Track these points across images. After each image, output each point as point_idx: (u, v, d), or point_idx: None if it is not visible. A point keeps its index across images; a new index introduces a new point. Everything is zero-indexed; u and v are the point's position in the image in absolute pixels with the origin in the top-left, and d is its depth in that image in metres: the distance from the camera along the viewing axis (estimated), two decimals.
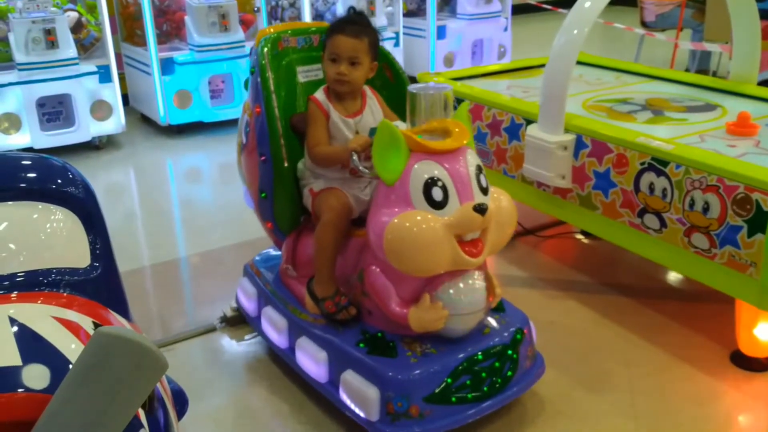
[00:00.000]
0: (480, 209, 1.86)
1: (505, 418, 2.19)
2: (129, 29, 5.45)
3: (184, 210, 4.26)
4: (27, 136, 4.62)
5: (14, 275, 1.34)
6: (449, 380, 1.96)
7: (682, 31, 5.75)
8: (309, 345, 2.19)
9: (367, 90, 2.32)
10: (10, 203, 1.38)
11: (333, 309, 2.16)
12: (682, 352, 2.52)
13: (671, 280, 3.09)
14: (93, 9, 5.06)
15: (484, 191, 1.94)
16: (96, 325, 1.30)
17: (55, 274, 1.36)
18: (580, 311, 2.85)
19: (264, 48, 2.30)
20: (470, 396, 1.99)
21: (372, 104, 2.29)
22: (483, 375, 2.02)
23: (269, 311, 2.40)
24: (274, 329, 2.36)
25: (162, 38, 5.33)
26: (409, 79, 2.46)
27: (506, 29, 6.49)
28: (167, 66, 5.05)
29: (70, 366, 1.06)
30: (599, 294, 2.96)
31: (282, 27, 2.42)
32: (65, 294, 1.35)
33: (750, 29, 3.03)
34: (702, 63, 5.97)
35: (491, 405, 2.04)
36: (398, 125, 2.00)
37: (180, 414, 1.62)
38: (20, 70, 4.47)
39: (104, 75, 4.82)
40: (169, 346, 2.67)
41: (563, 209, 2.84)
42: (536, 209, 3.04)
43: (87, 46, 4.95)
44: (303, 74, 2.41)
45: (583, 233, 3.41)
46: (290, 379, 2.41)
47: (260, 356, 2.57)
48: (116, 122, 4.94)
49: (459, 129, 1.96)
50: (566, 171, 2.73)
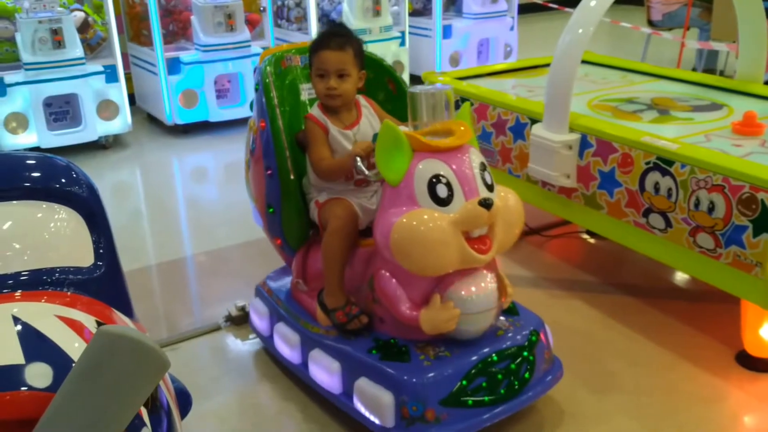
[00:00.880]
0: (485, 204, 1.86)
1: (514, 419, 2.18)
2: (135, 29, 5.46)
3: (190, 209, 4.27)
4: (34, 136, 4.64)
5: (18, 274, 1.35)
6: (464, 382, 1.94)
7: (689, 30, 5.73)
8: (322, 357, 2.17)
9: (361, 99, 2.32)
10: (15, 202, 1.39)
11: (344, 319, 2.15)
12: (688, 352, 2.51)
13: (677, 280, 3.08)
14: (100, 9, 5.08)
15: (490, 188, 1.94)
16: (99, 324, 1.30)
17: (59, 273, 1.36)
18: (585, 311, 2.84)
19: (267, 67, 2.32)
20: (487, 399, 1.97)
21: (368, 113, 2.29)
22: (499, 377, 2.00)
23: (281, 328, 2.38)
24: (287, 345, 2.34)
25: (168, 38, 5.34)
26: (415, 79, 2.47)
27: (512, 28, 6.48)
28: (173, 66, 5.07)
29: (73, 365, 1.07)
30: (604, 294, 2.96)
31: (286, 47, 2.45)
32: (69, 293, 1.35)
33: (756, 28, 3.01)
34: (709, 62, 5.95)
35: (509, 408, 2.01)
36: (401, 128, 2.00)
37: (184, 413, 1.63)
38: (27, 70, 4.49)
39: (111, 75, 4.84)
40: (174, 345, 2.68)
41: (568, 209, 2.83)
42: (541, 209, 3.04)
43: (93, 46, 4.97)
44: (307, 91, 2.44)
45: (589, 233, 3.41)
46: (294, 379, 2.41)
47: (265, 355, 2.58)
48: (123, 122, 4.95)
49: (462, 128, 1.97)
50: (571, 170, 2.72)
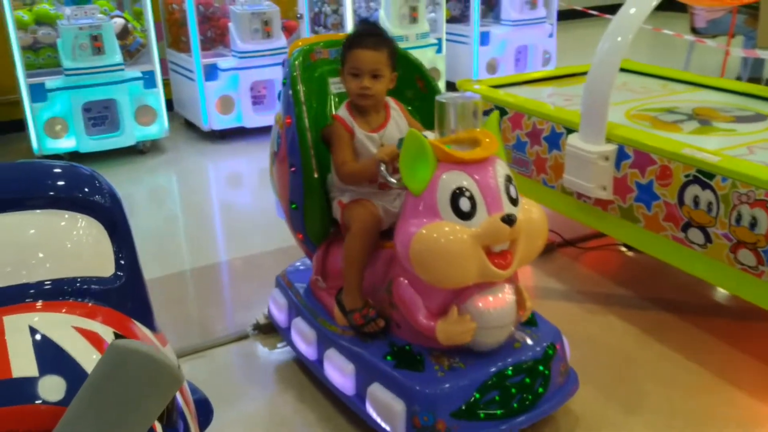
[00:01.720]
0: (508, 220, 1.83)
1: None
2: (174, 35, 5.52)
3: (225, 214, 4.29)
4: (73, 141, 4.72)
5: (41, 284, 1.34)
6: (477, 395, 1.92)
7: (734, 38, 5.58)
8: (337, 357, 2.17)
9: (390, 101, 2.29)
10: (38, 211, 1.39)
11: (361, 321, 2.13)
12: (726, 374, 2.42)
13: (717, 297, 2.98)
14: (139, 15, 5.15)
15: (514, 202, 1.90)
16: (117, 336, 1.29)
17: (80, 283, 1.36)
18: (620, 327, 2.76)
19: (296, 60, 2.30)
20: (499, 412, 1.94)
21: (396, 116, 2.26)
22: (513, 391, 1.97)
23: (299, 322, 2.39)
24: (303, 341, 2.35)
25: (206, 44, 5.38)
26: (452, 87, 2.43)
27: (551, 35, 6.39)
28: (210, 72, 5.11)
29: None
30: (641, 309, 2.87)
31: (314, 39, 2.42)
32: (90, 303, 1.34)
33: None
34: (754, 71, 5.78)
35: (521, 422, 1.98)
36: (426, 135, 1.97)
37: (204, 424, 1.61)
38: (67, 76, 4.56)
39: (149, 80, 4.89)
40: (202, 353, 2.68)
41: (604, 221, 2.76)
42: (576, 220, 2.97)
43: (133, 52, 5.03)
44: (335, 85, 2.41)
45: (626, 245, 3.32)
46: (319, 390, 2.38)
47: (291, 365, 2.56)
48: (160, 127, 5.01)
49: (488, 139, 1.93)
50: (607, 182, 2.65)
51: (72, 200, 1.40)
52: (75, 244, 1.39)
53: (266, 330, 2.75)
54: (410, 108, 2.55)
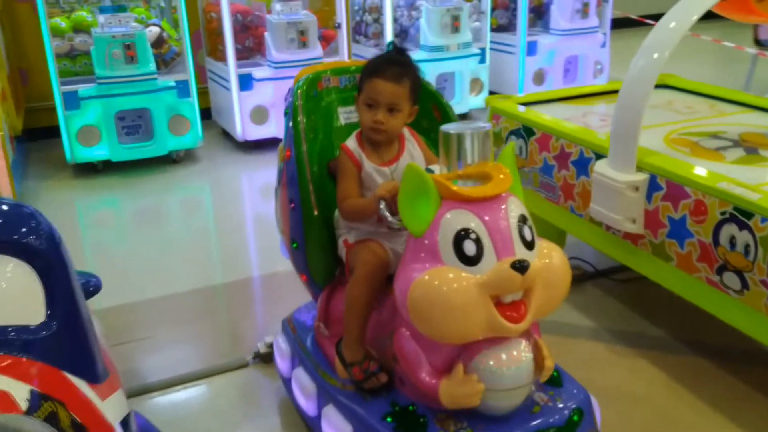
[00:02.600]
0: (520, 267, 1.57)
1: None
2: (212, 44, 5.48)
3: (257, 226, 4.20)
4: (105, 149, 4.70)
5: None
6: None
7: None
8: (335, 415, 1.96)
9: (406, 132, 2.11)
10: None
11: (360, 376, 1.93)
12: None
13: (761, 344, 2.69)
14: (178, 24, 5.11)
15: (529, 245, 1.65)
16: (33, 393, 1.16)
17: (0, 333, 1.23)
18: (649, 372, 2.52)
19: (299, 89, 2.15)
20: None
21: (411, 148, 2.07)
22: None
23: (299, 373, 2.20)
24: (303, 394, 2.14)
25: (244, 53, 5.32)
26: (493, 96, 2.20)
27: (604, 45, 6.10)
28: (245, 81, 5.03)
29: None
30: (674, 353, 2.62)
31: (322, 66, 2.27)
32: (9, 356, 1.22)
33: None
34: None
35: None
36: (436, 169, 1.77)
37: None
38: (100, 84, 4.54)
39: (183, 90, 4.85)
40: (197, 382, 2.56)
41: (634, 257, 2.52)
42: (605, 253, 2.73)
43: (168, 61, 5.00)
44: (344, 115, 2.24)
45: None
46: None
47: (289, 400, 2.41)
48: (193, 137, 4.95)
49: (501, 174, 1.71)
50: (637, 215, 2.41)
51: (1, 243, 1.28)
52: None
53: (267, 359, 2.62)
54: (426, 139, 2.38)
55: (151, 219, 4.30)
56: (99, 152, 4.72)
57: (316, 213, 2.07)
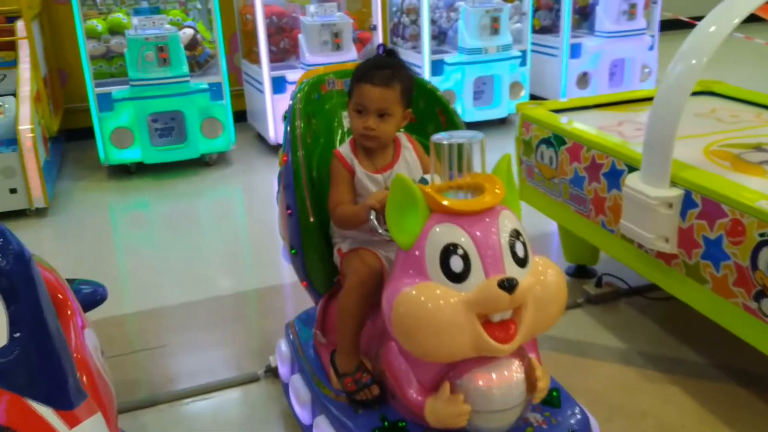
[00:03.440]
0: (507, 285, 1.49)
1: None
2: (248, 46, 5.44)
3: None
4: (138, 151, 4.70)
5: None
6: None
7: None
8: (325, 426, 1.91)
9: (402, 138, 2.02)
10: None
11: (352, 387, 1.87)
12: None
13: None
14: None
15: (521, 262, 1.56)
16: None
17: None
18: (682, 400, 2.35)
19: (299, 92, 2.09)
20: None
21: (407, 155, 1.99)
22: None
23: (296, 380, 2.15)
24: (298, 402, 2.10)
25: (279, 56, 5.27)
26: (535, 99, 2.09)
27: (652, 48, 5.86)
28: (278, 84, 4.97)
29: None
30: (710, 380, 2.44)
31: (325, 69, 2.20)
32: None
33: None
34: None
35: None
36: (434, 179, 1.67)
37: None
38: (133, 86, 4.54)
39: (216, 92, 4.81)
40: (205, 395, 2.50)
41: (667, 277, 2.35)
42: (637, 272, 2.56)
43: (202, 63, 4.97)
44: (348, 119, 2.16)
45: None
46: None
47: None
48: (226, 140, 4.92)
49: (496, 187, 1.61)
50: (670, 233, 2.24)
51: None
52: None
53: (278, 373, 2.53)
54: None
55: (182, 222, 4.28)
56: (132, 154, 4.72)
57: (312, 220, 2.03)
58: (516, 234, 1.58)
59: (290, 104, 2.09)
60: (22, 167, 4.01)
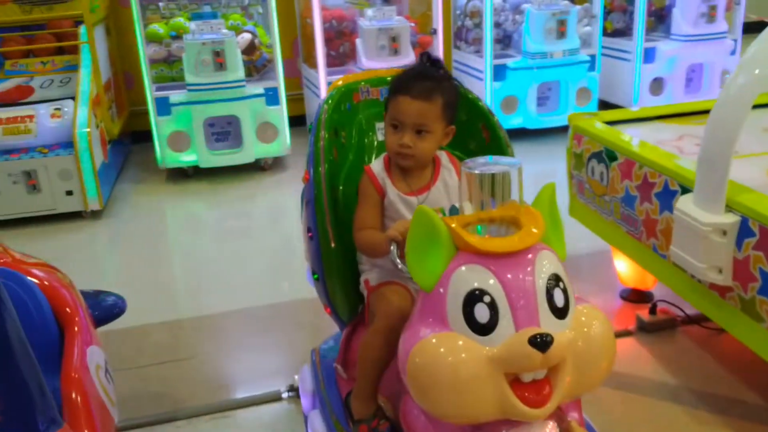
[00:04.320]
0: (540, 342, 1.27)
1: None
2: (308, 50, 5.39)
3: None
4: (194, 155, 4.73)
5: None
6: None
7: None
8: None
9: (443, 157, 1.85)
10: None
11: None
12: None
13: None
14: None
15: (560, 313, 1.35)
16: None
17: None
18: None
19: (327, 102, 1.94)
20: None
21: (447, 176, 1.82)
22: None
23: (315, 417, 2.01)
24: None
25: (338, 60, 5.20)
26: (605, 107, 1.91)
27: (734, 53, 5.48)
28: None
29: None
30: None
31: (358, 76, 2.05)
32: None
33: None
34: None
35: None
36: (467, 208, 1.49)
37: None
38: (190, 91, 4.56)
39: (272, 97, 4.78)
40: (228, 412, 2.43)
41: (721, 311, 2.13)
42: (689, 303, 2.34)
43: (259, 68, 4.95)
44: (383, 131, 2.01)
45: None
46: None
47: None
48: (281, 145, 4.88)
49: (534, 224, 1.42)
50: (724, 264, 2.02)
51: None
52: None
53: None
54: None
55: (233, 227, 4.26)
56: (188, 158, 4.75)
57: (334, 245, 1.87)
58: (556, 279, 1.36)
59: (316, 113, 1.97)
60: (78, 170, 4.08)
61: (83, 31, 4.48)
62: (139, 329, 3.01)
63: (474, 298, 1.33)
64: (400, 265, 1.58)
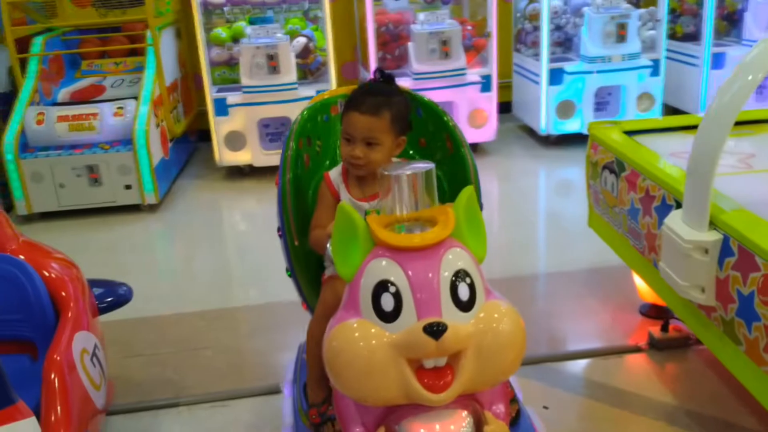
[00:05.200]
0: (434, 330, 1.36)
1: None
2: (364, 54, 5.47)
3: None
4: (249, 154, 4.92)
5: None
6: None
7: None
8: None
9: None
10: None
11: (317, 420, 1.83)
12: None
13: None
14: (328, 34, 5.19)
15: (464, 306, 1.43)
16: None
17: None
18: None
19: (302, 114, 2.06)
20: None
21: None
22: None
23: (287, 403, 2.12)
24: (283, 426, 2.07)
25: (393, 63, 5.25)
26: (670, 112, 1.91)
27: None
28: None
29: None
30: None
31: (336, 92, 2.16)
32: None
33: None
34: None
35: None
36: (384, 210, 1.58)
37: None
38: (245, 93, 4.75)
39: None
40: (226, 401, 2.55)
41: (706, 331, 2.05)
42: (684, 323, 2.26)
43: (314, 71, 5.09)
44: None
45: None
46: None
47: None
48: None
49: (446, 221, 1.49)
50: (707, 282, 1.95)
51: None
52: None
53: None
54: (440, 173, 2.15)
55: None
56: (244, 156, 4.94)
57: (297, 243, 1.99)
58: (463, 274, 1.44)
59: (290, 126, 2.08)
60: (136, 166, 4.34)
61: (149, 34, 4.75)
62: (169, 317, 3.20)
63: (381, 288, 1.43)
64: (330, 260, 1.69)
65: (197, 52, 4.88)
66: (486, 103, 5.02)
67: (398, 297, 1.41)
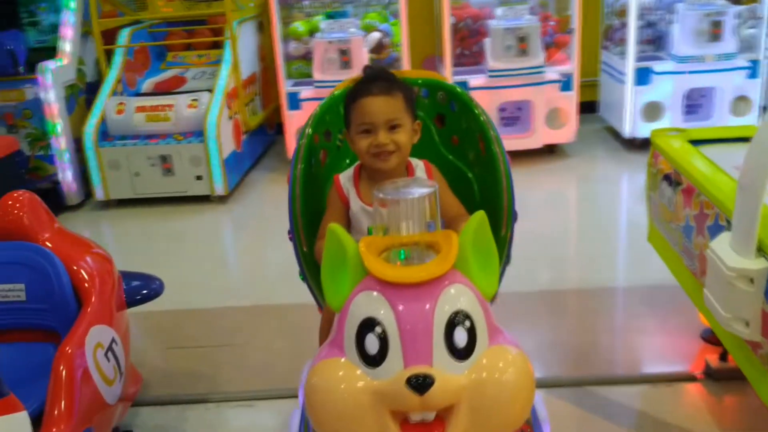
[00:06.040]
0: (418, 384, 1.21)
1: None
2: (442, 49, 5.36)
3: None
4: None
5: None
6: None
7: None
8: None
9: (418, 164, 1.81)
10: None
11: None
12: None
13: None
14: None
15: (460, 354, 1.27)
16: None
17: None
18: None
19: (323, 105, 1.98)
20: None
21: None
22: None
23: (294, 416, 2.06)
24: None
25: (471, 59, 5.11)
26: None
27: None
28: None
29: None
30: None
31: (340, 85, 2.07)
32: None
33: None
34: None
35: None
36: (376, 233, 1.45)
37: None
38: (317, 87, 4.75)
39: None
40: (252, 402, 2.54)
41: (751, 367, 1.84)
42: (731, 354, 2.05)
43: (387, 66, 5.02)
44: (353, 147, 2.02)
45: None
46: None
47: None
48: None
49: (448, 252, 1.32)
50: (751, 315, 1.75)
51: None
52: None
53: None
54: (471, 174, 2.03)
55: None
56: None
57: (305, 249, 1.91)
58: (462, 317, 1.28)
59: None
60: (206, 157, 4.43)
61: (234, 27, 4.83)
62: (216, 311, 3.23)
63: (366, 328, 1.29)
64: None
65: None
66: (566, 103, 4.79)
67: (384, 339, 1.26)
